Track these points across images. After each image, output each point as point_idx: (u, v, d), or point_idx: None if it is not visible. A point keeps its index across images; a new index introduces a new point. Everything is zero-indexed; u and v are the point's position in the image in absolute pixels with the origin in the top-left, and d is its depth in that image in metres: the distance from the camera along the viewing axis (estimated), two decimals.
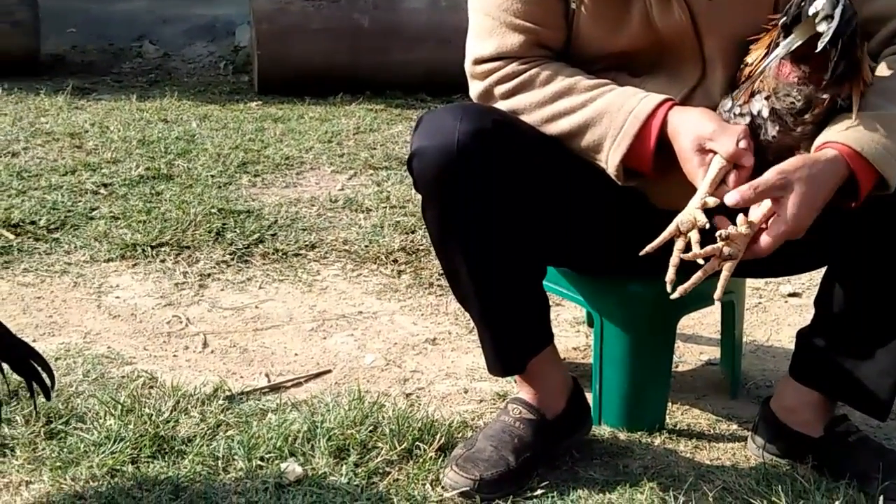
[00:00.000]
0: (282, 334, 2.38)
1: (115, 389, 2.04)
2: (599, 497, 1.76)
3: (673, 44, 1.74)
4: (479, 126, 1.67)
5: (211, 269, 2.67)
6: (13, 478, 1.75)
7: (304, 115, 4.06)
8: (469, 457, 1.78)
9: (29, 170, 3.20)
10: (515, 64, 1.73)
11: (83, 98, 4.13)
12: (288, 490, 1.74)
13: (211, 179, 3.21)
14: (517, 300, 1.80)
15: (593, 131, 1.70)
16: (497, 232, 1.72)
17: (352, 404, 1.98)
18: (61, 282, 2.56)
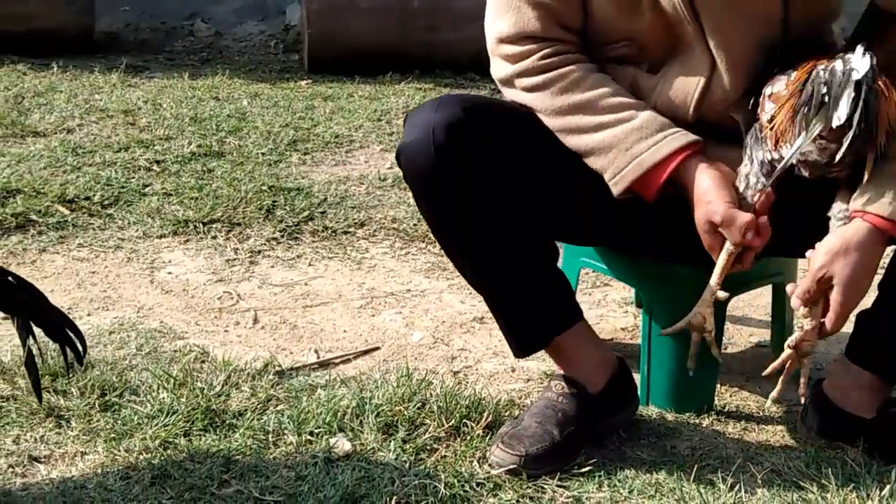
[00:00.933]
0: (331, 311, 2.39)
1: (167, 363, 2.06)
2: (647, 477, 1.75)
3: (679, 27, 1.71)
4: (453, 119, 1.68)
5: (261, 245, 2.69)
6: (69, 448, 1.77)
7: (354, 93, 4.07)
8: (514, 434, 1.78)
9: (83, 146, 3.24)
10: (537, 57, 1.73)
11: (136, 76, 4.16)
12: (337, 464, 1.75)
13: (261, 157, 3.23)
14: (522, 281, 1.79)
15: (597, 159, 1.72)
16: (485, 219, 1.73)
17: (400, 381, 1.99)
18: (115, 257, 2.59)
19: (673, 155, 1.68)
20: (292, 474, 1.71)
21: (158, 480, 1.68)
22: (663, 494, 1.70)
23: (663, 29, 1.72)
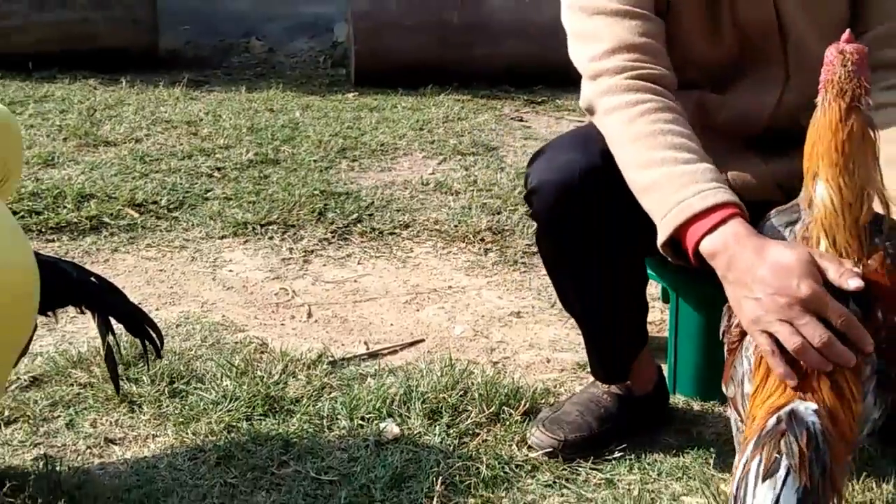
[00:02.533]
0: (378, 306, 2.39)
1: (229, 354, 2.07)
2: (674, 461, 1.74)
3: (757, 44, 1.69)
4: (593, 163, 1.59)
5: (314, 245, 2.70)
6: (141, 431, 1.80)
7: (397, 104, 4.08)
8: (555, 419, 1.79)
9: (150, 155, 3.26)
10: (638, 73, 1.55)
11: (197, 89, 4.19)
12: (386, 447, 1.75)
13: (313, 164, 3.24)
14: (620, 316, 1.79)
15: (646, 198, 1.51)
16: (607, 262, 1.69)
17: (443, 371, 1.99)
18: (180, 256, 2.61)
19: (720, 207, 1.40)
20: (345, 456, 1.73)
21: (223, 461, 1.70)
22: (690, 477, 1.70)
23: (740, 49, 1.67)
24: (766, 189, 1.71)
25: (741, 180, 1.70)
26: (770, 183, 1.72)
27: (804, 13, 1.66)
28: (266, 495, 1.62)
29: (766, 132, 1.72)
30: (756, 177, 1.71)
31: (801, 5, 1.66)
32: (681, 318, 1.96)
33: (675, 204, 1.41)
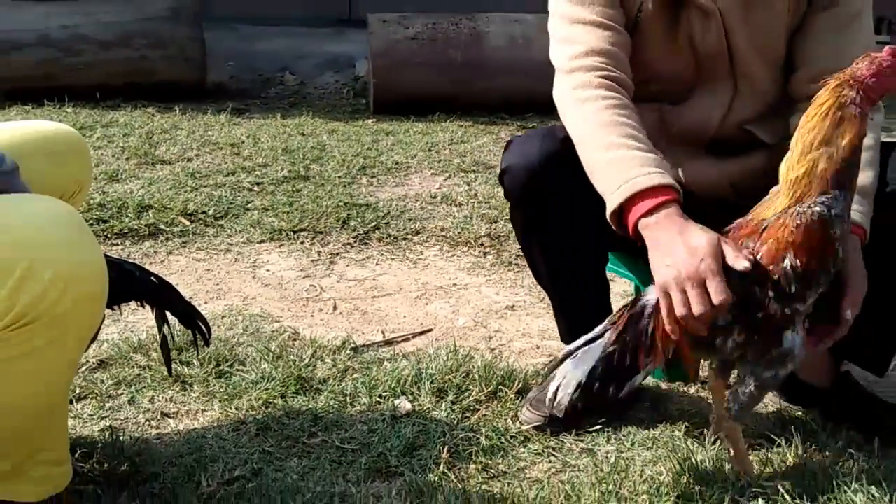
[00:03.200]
0: (393, 300, 2.40)
1: (267, 341, 2.08)
2: (645, 433, 1.75)
3: (709, 63, 1.70)
4: (557, 149, 1.65)
5: (339, 249, 2.71)
6: (191, 407, 1.81)
7: (409, 129, 4.08)
8: (541, 398, 1.77)
9: (200, 171, 3.27)
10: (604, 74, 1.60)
11: (239, 116, 4.20)
12: (400, 421, 1.76)
13: (338, 179, 3.24)
14: (584, 284, 1.79)
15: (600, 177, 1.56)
16: (568, 232, 1.71)
17: (448, 356, 1.99)
18: (225, 258, 2.61)
19: (660, 189, 1.47)
20: (365, 428, 1.73)
21: (261, 432, 1.71)
22: (658, 447, 1.70)
23: (693, 67, 1.70)
24: (720, 187, 1.74)
25: (697, 179, 1.72)
26: (723, 181, 1.75)
27: (749, 43, 1.68)
28: (297, 461, 1.62)
29: (715, 139, 1.73)
30: (710, 176, 1.74)
31: (746, 37, 1.68)
32: None
33: (626, 181, 1.48)
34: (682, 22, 1.67)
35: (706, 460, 1.63)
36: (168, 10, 4.48)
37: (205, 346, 1.55)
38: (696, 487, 1.55)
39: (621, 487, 1.56)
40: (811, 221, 1.38)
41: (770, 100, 1.73)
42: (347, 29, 5.96)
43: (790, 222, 1.39)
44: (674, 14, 1.67)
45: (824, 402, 1.82)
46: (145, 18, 4.43)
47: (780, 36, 1.69)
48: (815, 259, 1.39)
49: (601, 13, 1.63)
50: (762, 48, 1.69)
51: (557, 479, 1.60)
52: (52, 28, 4.30)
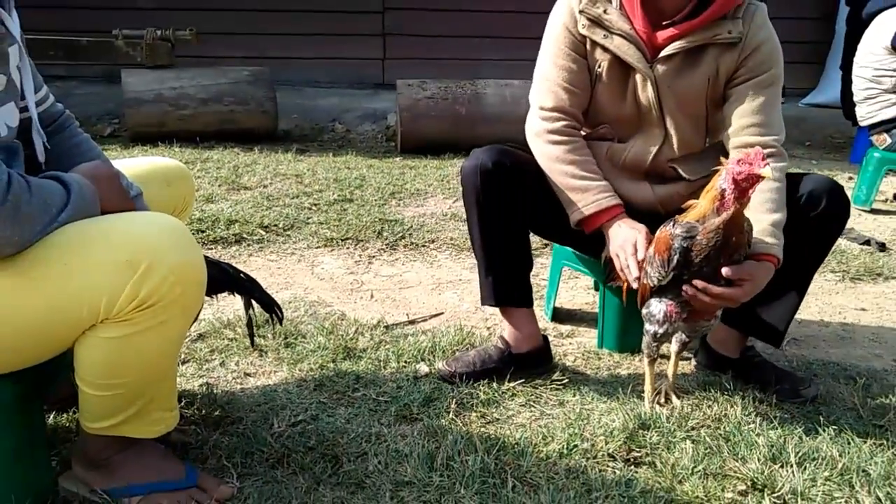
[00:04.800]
0: (415, 291, 2.39)
1: (321, 320, 2.07)
2: (603, 389, 1.74)
3: (645, 114, 1.70)
4: (498, 159, 1.67)
5: (375, 253, 2.70)
6: (266, 368, 1.80)
7: (427, 165, 4.07)
8: (457, 358, 1.78)
9: (272, 195, 3.26)
10: (562, 125, 1.69)
11: (301, 155, 4.19)
12: (420, 380, 1.76)
13: (374, 202, 3.23)
14: (506, 259, 1.74)
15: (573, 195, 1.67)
16: (498, 214, 1.70)
17: (456, 332, 1.99)
18: (291, 259, 2.61)
19: (615, 208, 1.66)
20: (394, 385, 1.72)
21: (318, 387, 1.71)
22: (612, 400, 1.69)
23: (636, 114, 1.71)
24: (652, 205, 1.75)
25: (636, 199, 1.74)
26: (655, 201, 1.75)
27: (675, 104, 1.68)
28: (345, 409, 1.62)
29: (651, 169, 1.73)
30: (646, 197, 1.74)
31: (673, 98, 1.68)
32: (605, 299, 1.95)
33: (591, 202, 1.66)
34: (629, 81, 1.68)
35: (647, 411, 1.62)
36: (250, 75, 4.48)
37: (279, 324, 1.54)
38: (640, 431, 1.55)
39: (584, 430, 1.55)
40: (665, 233, 1.53)
41: (692, 146, 1.73)
42: (381, 90, 5.97)
43: (658, 233, 1.55)
44: (623, 75, 1.68)
45: (734, 368, 1.81)
46: (233, 82, 4.43)
47: (700, 101, 1.68)
48: (657, 253, 1.53)
49: (566, 78, 1.69)
50: (685, 107, 1.69)
51: (537, 424, 1.59)
52: (165, 89, 4.30)
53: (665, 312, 1.55)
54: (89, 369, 1.12)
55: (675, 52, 1.64)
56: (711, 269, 1.47)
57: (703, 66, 1.65)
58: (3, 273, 1.04)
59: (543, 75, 1.72)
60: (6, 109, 1.15)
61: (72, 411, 1.53)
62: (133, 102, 4.25)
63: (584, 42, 1.68)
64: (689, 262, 1.47)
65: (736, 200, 1.40)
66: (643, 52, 1.66)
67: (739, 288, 1.47)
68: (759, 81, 1.64)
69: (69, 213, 1.08)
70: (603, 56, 1.67)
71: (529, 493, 1.35)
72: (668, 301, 1.55)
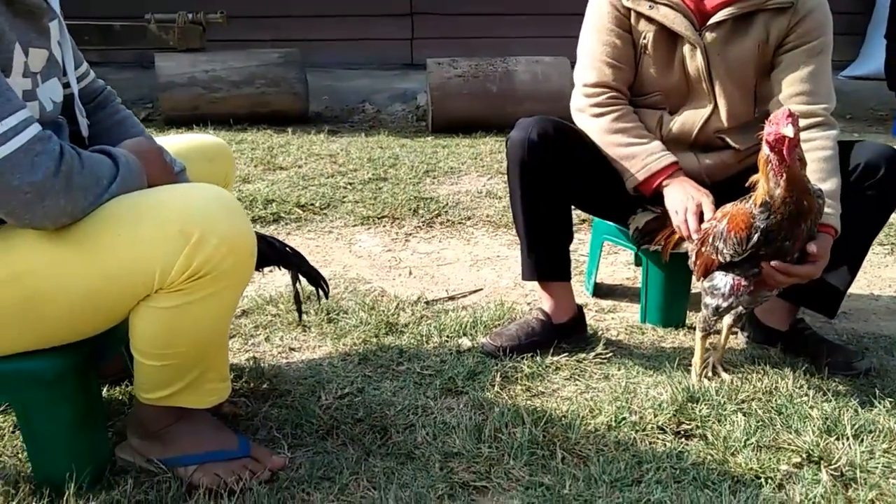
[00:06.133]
0: (453, 268, 2.38)
1: (362, 296, 2.07)
2: (648, 363, 1.72)
3: (694, 84, 1.67)
4: (544, 130, 1.64)
5: (411, 231, 2.69)
6: (310, 343, 1.81)
7: (459, 143, 4.04)
8: (499, 332, 1.76)
9: (308, 175, 3.27)
10: (606, 97, 1.68)
11: (334, 136, 4.19)
12: (463, 354, 1.75)
13: (408, 180, 3.22)
14: (549, 233, 1.72)
15: (625, 162, 1.66)
16: (544, 187, 1.67)
17: (496, 307, 1.98)
18: (328, 237, 2.61)
19: (669, 167, 1.64)
20: (438, 359, 1.72)
21: (362, 362, 1.71)
22: (659, 373, 1.67)
23: (685, 85, 1.68)
24: (698, 174, 1.72)
25: (682, 168, 1.70)
26: (700, 171, 1.72)
27: (725, 72, 1.65)
28: (389, 383, 1.62)
29: (697, 140, 1.70)
30: (691, 166, 1.72)
31: (721, 64, 1.64)
32: (649, 274, 1.92)
33: (641, 166, 1.64)
34: (676, 51, 1.64)
35: (695, 385, 1.60)
36: (280, 57, 4.48)
37: (325, 297, 1.54)
38: (689, 404, 1.52)
39: (632, 403, 1.53)
40: (743, 211, 1.46)
41: (741, 116, 1.69)
42: (410, 70, 5.94)
43: (731, 208, 1.50)
44: (670, 45, 1.65)
45: (784, 341, 1.77)
46: (264, 64, 4.43)
47: (749, 68, 1.64)
48: (733, 231, 1.47)
49: (609, 54, 1.68)
50: (735, 76, 1.64)
51: (583, 397, 1.58)
52: (198, 72, 4.32)
53: (731, 286, 1.50)
54: (145, 339, 1.13)
55: (725, 19, 1.60)
56: (792, 244, 1.43)
57: (753, 32, 1.60)
58: (59, 245, 1.05)
59: (586, 51, 1.70)
60: (49, 85, 1.15)
61: (123, 385, 1.56)
62: (167, 86, 4.28)
63: (627, 15, 1.65)
64: (769, 241, 1.43)
65: (781, 164, 1.35)
66: (691, 20, 1.62)
67: (813, 265, 1.45)
68: (810, 48, 1.59)
69: (118, 185, 1.08)
70: (648, 27, 1.64)
71: (579, 464, 1.33)
72: (735, 275, 1.50)
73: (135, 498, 1.22)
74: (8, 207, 0.99)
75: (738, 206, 1.48)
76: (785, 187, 1.37)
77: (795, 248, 1.44)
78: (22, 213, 0.99)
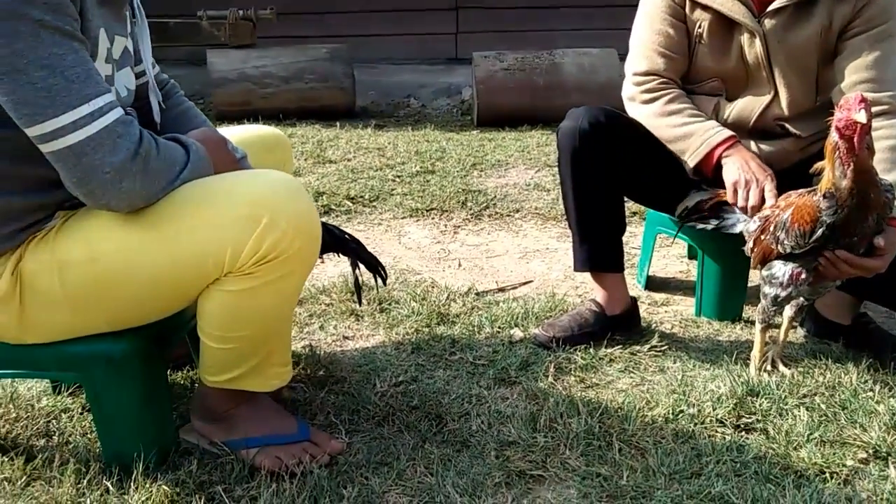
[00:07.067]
0: (502, 260, 2.38)
1: (413, 287, 2.09)
2: (704, 356, 1.70)
3: (753, 71, 1.63)
4: (595, 119, 1.63)
5: (460, 223, 2.69)
6: (364, 332, 1.83)
7: (506, 137, 4.03)
8: (552, 323, 1.75)
9: (357, 168, 3.30)
10: (656, 83, 1.66)
11: (380, 130, 4.22)
12: (515, 345, 1.75)
13: (456, 173, 3.23)
14: (601, 223, 1.71)
15: (682, 142, 1.63)
16: (595, 176, 1.66)
17: (547, 299, 1.97)
18: (378, 229, 2.63)
19: (722, 143, 1.60)
20: (490, 349, 1.72)
21: (415, 351, 1.72)
22: (716, 366, 1.64)
23: (743, 71, 1.65)
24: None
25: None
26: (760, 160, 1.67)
27: (786, 60, 1.60)
28: (443, 372, 1.63)
29: (755, 127, 1.67)
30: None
31: (784, 54, 1.60)
32: (704, 266, 1.89)
33: (699, 145, 1.61)
34: (733, 40, 1.61)
35: (754, 378, 1.57)
36: (328, 53, 4.53)
37: (383, 284, 1.54)
38: (748, 397, 1.49)
39: (689, 396, 1.51)
40: (810, 203, 1.42)
41: (802, 103, 1.64)
42: (454, 65, 5.93)
43: (797, 199, 1.46)
44: (727, 33, 1.62)
45: (846, 335, 1.72)
46: (312, 60, 4.49)
47: (811, 55, 1.59)
48: (797, 223, 1.43)
49: (662, 43, 1.66)
50: (796, 63, 1.60)
51: (638, 389, 1.56)
52: (249, 68, 4.40)
53: (790, 275, 1.47)
54: (212, 322, 1.16)
55: (786, 5, 1.56)
56: (859, 240, 1.39)
57: (815, 18, 1.56)
58: (133, 228, 1.08)
59: (639, 41, 1.69)
60: (124, 73, 1.19)
61: (185, 370, 1.60)
62: (219, 82, 4.37)
63: (682, 4, 1.63)
64: (834, 236, 1.39)
65: (850, 153, 1.31)
66: (749, 8, 1.58)
67: (880, 258, 1.40)
68: (875, 34, 1.54)
69: (189, 171, 1.11)
70: (703, 16, 1.61)
71: (637, 456, 1.32)
72: (794, 264, 1.47)
73: (199, 479, 1.25)
74: (88, 187, 1.02)
75: (805, 196, 1.44)
76: (852, 177, 1.33)
77: (862, 244, 1.40)
78: (101, 194, 1.03)
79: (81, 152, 1.00)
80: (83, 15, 1.04)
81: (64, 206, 1.13)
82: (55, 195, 1.11)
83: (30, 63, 0.96)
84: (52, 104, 0.98)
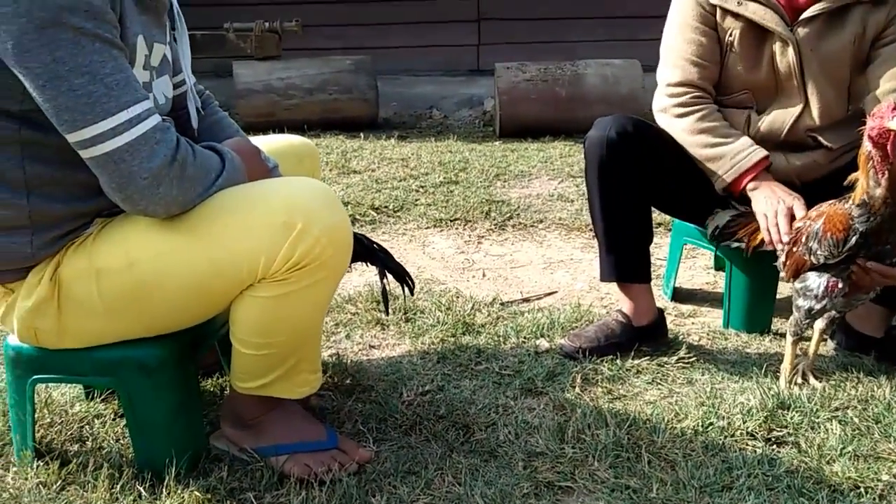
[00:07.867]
0: (526, 270, 2.37)
1: (438, 297, 2.09)
2: (732, 368, 1.68)
3: (784, 81, 1.62)
4: (623, 129, 1.62)
5: (484, 233, 2.69)
6: (390, 342, 1.83)
7: (528, 148, 4.03)
8: (578, 333, 1.74)
9: (381, 179, 3.32)
10: (689, 97, 1.65)
11: (403, 141, 4.24)
12: (541, 355, 1.74)
13: (479, 183, 3.23)
14: (629, 233, 1.70)
15: (711, 164, 1.62)
16: (622, 186, 1.65)
17: (573, 310, 1.96)
18: (402, 239, 2.64)
19: (754, 167, 1.61)
20: (516, 360, 1.71)
21: (441, 360, 1.72)
22: (745, 378, 1.62)
23: (773, 82, 1.64)
24: (787, 175, 1.68)
25: (771, 168, 1.66)
26: (790, 172, 1.68)
27: (819, 69, 1.59)
28: (469, 382, 1.63)
29: (786, 140, 1.66)
30: (780, 166, 1.67)
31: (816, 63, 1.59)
32: (732, 277, 1.87)
33: (729, 167, 1.62)
34: (765, 47, 1.60)
35: (784, 391, 1.55)
36: (352, 65, 4.57)
37: (411, 293, 1.55)
38: (779, 410, 1.48)
39: (719, 408, 1.49)
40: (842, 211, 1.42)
41: (834, 114, 1.63)
42: (476, 76, 5.96)
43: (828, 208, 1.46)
44: (759, 42, 1.61)
45: (878, 348, 1.70)
46: (336, 72, 4.53)
47: (844, 64, 1.58)
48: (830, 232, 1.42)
49: (695, 52, 1.65)
50: (828, 72, 1.59)
51: (667, 401, 1.55)
52: (273, 80, 4.46)
53: (825, 287, 1.46)
54: (245, 329, 1.17)
55: (819, 13, 1.55)
56: (892, 248, 1.38)
57: (848, 26, 1.55)
58: (169, 234, 1.10)
59: (670, 50, 1.68)
60: (163, 81, 1.21)
61: (215, 377, 1.62)
62: (244, 93, 4.43)
63: (713, 13, 1.62)
64: (868, 244, 1.38)
65: (884, 161, 1.30)
66: (782, 16, 1.57)
67: None
68: None
69: (224, 179, 1.13)
70: (734, 24, 1.61)
71: (666, 468, 1.31)
72: (829, 275, 1.45)
73: (229, 485, 1.26)
74: (126, 192, 1.04)
75: (836, 205, 1.43)
76: (886, 186, 1.32)
77: (895, 253, 1.39)
78: (138, 199, 1.05)
79: (120, 158, 1.02)
80: (121, 22, 1.07)
81: (103, 213, 1.16)
82: (96, 202, 1.13)
83: (71, 70, 0.98)
84: (92, 111, 1.00)
